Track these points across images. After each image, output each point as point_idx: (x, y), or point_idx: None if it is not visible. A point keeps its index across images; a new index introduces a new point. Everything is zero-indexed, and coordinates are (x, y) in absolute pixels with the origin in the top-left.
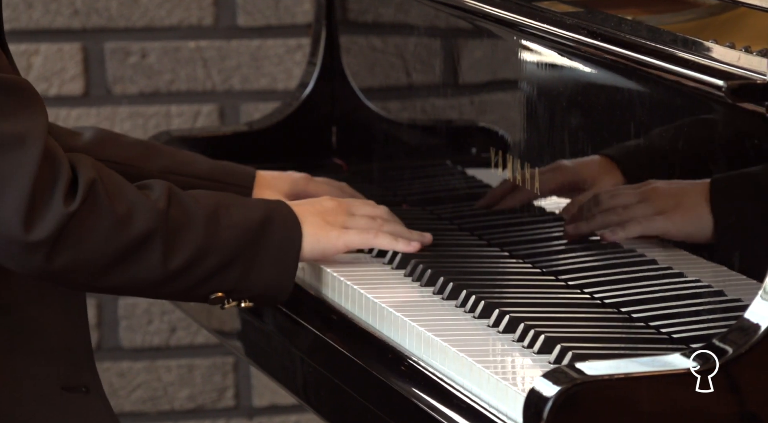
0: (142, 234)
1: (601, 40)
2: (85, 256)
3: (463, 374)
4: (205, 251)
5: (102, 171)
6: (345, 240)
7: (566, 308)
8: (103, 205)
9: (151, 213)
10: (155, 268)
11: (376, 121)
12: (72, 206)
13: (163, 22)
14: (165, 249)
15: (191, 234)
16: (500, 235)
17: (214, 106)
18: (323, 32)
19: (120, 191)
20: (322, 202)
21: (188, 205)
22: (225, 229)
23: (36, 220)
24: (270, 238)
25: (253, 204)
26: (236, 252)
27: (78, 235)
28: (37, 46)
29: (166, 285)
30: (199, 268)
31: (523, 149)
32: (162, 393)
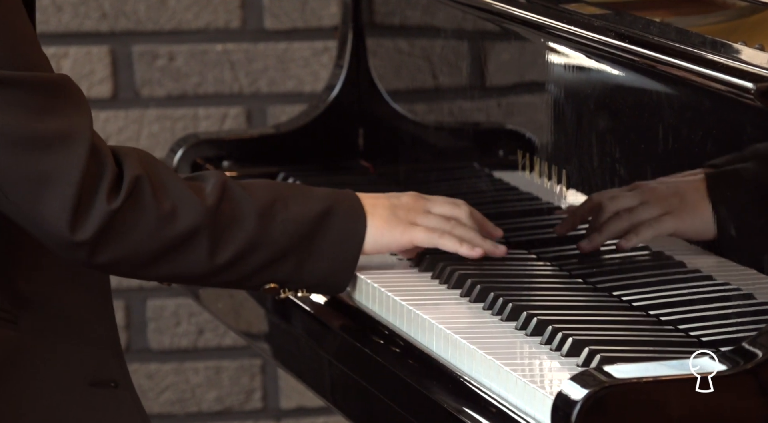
0: (186, 231)
1: (629, 42)
2: (128, 251)
3: (490, 377)
4: (255, 246)
5: (150, 166)
6: (410, 237)
7: (594, 311)
8: (147, 202)
9: (197, 209)
10: (201, 262)
11: (402, 123)
12: (115, 203)
13: (190, 25)
14: (211, 245)
15: (240, 229)
16: (528, 238)
17: (241, 109)
18: (350, 35)
19: (166, 187)
20: (401, 197)
21: (241, 200)
22: (279, 223)
23: (81, 219)
24: (329, 232)
25: (317, 195)
26: (289, 246)
27: (121, 231)
28: (66, 49)
29: (213, 277)
30: (248, 263)
31: (551, 151)
32: (190, 395)
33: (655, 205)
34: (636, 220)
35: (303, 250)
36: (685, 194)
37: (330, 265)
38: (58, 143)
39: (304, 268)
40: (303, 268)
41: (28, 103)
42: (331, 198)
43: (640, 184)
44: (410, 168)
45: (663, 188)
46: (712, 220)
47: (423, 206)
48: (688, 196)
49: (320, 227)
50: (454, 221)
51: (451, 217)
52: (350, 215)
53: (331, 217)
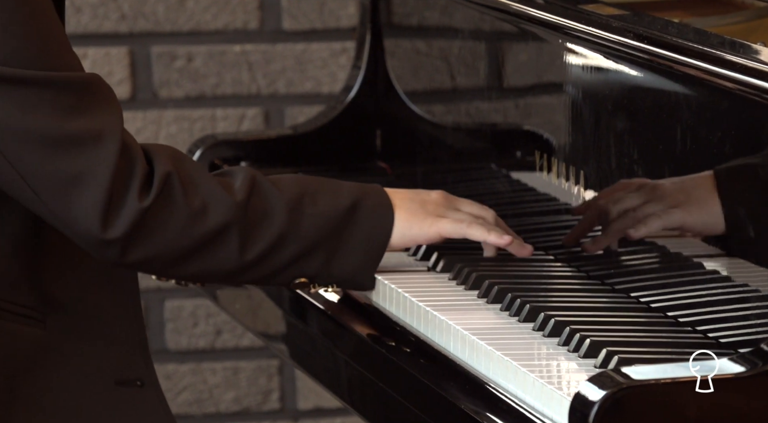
0: (217, 227)
1: (648, 42)
2: (159, 249)
3: (507, 378)
4: (284, 241)
5: (180, 163)
6: (438, 227)
7: (612, 312)
8: (178, 199)
9: (228, 206)
10: (232, 259)
11: (420, 124)
12: (146, 201)
13: (208, 26)
14: (241, 241)
15: (270, 224)
16: (545, 239)
17: (259, 110)
18: (368, 36)
19: (196, 184)
20: (430, 193)
21: (270, 195)
22: (307, 218)
23: (112, 218)
24: (357, 226)
25: (344, 189)
26: (318, 240)
27: (151, 229)
28: (84, 50)
29: (244, 273)
30: (278, 258)
31: (568, 152)
32: (207, 395)
33: (662, 200)
34: (642, 214)
35: (332, 244)
36: (693, 189)
37: (359, 260)
38: (88, 143)
39: (333, 262)
40: (332, 262)
41: (59, 103)
42: (358, 192)
43: (644, 182)
44: (428, 169)
45: (669, 185)
46: (720, 214)
47: (452, 203)
48: (695, 191)
49: (348, 221)
50: (481, 220)
51: (478, 216)
52: (378, 209)
53: (359, 211)
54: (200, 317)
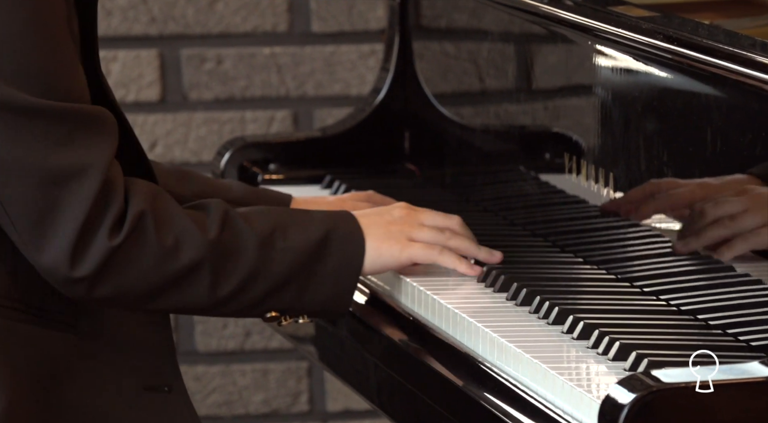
0: (188, 264)
1: (678, 44)
2: (127, 286)
3: (537, 381)
4: (256, 277)
5: (156, 200)
6: (408, 254)
7: (642, 315)
8: (149, 238)
9: (200, 243)
10: (203, 295)
11: (449, 126)
12: (117, 240)
13: (238, 28)
14: (213, 277)
15: (242, 260)
16: (574, 241)
17: (288, 112)
18: (396, 38)
19: (170, 221)
20: (392, 211)
21: (242, 231)
22: (279, 252)
23: (81, 255)
24: (329, 257)
25: (315, 221)
26: (290, 275)
27: (120, 267)
28: (115, 52)
29: (215, 309)
30: (250, 294)
31: (598, 155)
32: (237, 397)
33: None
34: (736, 230)
35: (303, 277)
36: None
37: (331, 291)
38: (70, 177)
39: (305, 295)
40: (304, 295)
41: (49, 134)
42: (328, 222)
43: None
44: (456, 171)
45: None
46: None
47: (416, 219)
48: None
49: (319, 254)
50: (448, 232)
51: (444, 228)
52: (348, 238)
53: (330, 243)
54: (230, 319)
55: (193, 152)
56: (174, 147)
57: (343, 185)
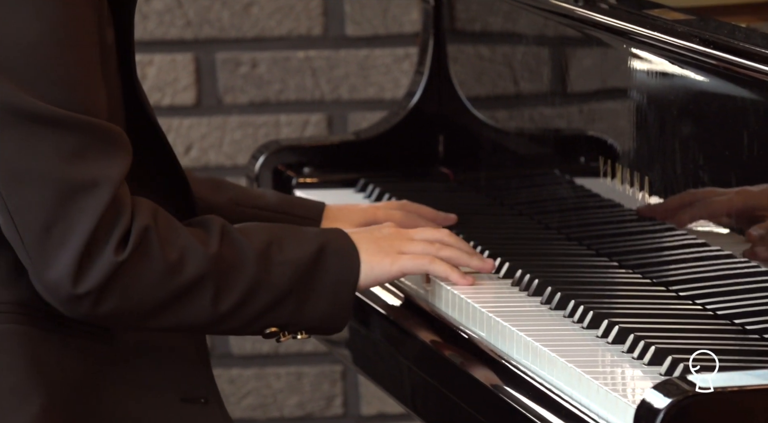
0: (192, 279)
1: (714, 47)
2: (132, 303)
3: (571, 385)
4: (256, 290)
5: (159, 217)
6: (399, 265)
7: (677, 319)
8: (154, 253)
9: (203, 257)
10: (205, 310)
11: (483, 129)
12: (122, 256)
13: (273, 32)
14: (215, 292)
15: (242, 274)
16: (609, 245)
17: (322, 116)
18: (431, 41)
19: (173, 236)
20: (381, 229)
21: (240, 245)
22: (277, 266)
23: (86, 271)
24: (324, 271)
25: (309, 236)
26: (288, 288)
27: (125, 283)
28: (151, 56)
29: (217, 325)
30: (251, 308)
31: (633, 158)
32: (271, 400)
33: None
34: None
35: (302, 291)
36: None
37: (329, 304)
38: (80, 191)
39: (304, 309)
40: (303, 309)
41: (65, 144)
42: (322, 237)
43: None
44: (490, 175)
45: None
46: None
47: (405, 234)
48: None
49: (316, 267)
50: (438, 243)
51: (434, 240)
52: (342, 252)
53: (326, 257)
54: None
55: (227, 156)
56: (209, 151)
57: (377, 189)
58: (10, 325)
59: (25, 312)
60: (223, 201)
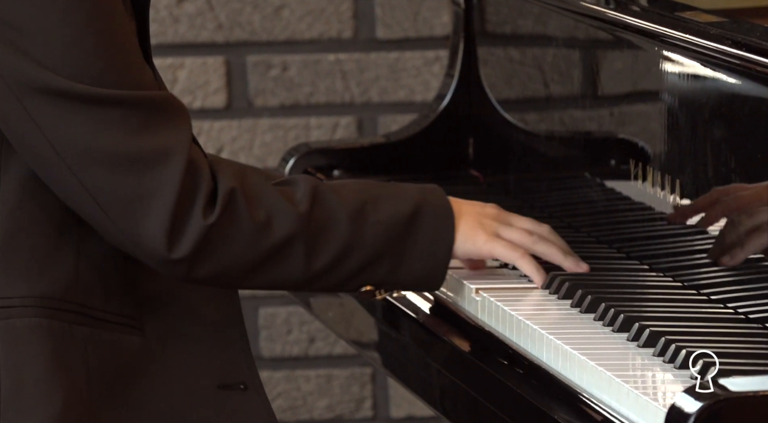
0: (282, 239)
1: (746, 50)
2: (226, 264)
3: (601, 388)
4: (350, 250)
5: (244, 177)
6: (490, 248)
7: (709, 323)
8: (242, 214)
9: (292, 217)
10: (298, 269)
11: (513, 132)
12: (211, 218)
13: (303, 35)
14: (307, 251)
15: (334, 234)
16: (640, 248)
17: (352, 118)
18: (461, 44)
19: (260, 197)
20: (485, 207)
21: (332, 204)
22: (371, 226)
23: (178, 237)
24: (420, 231)
25: (406, 195)
26: (383, 248)
27: (217, 245)
28: (182, 59)
29: (311, 283)
30: (344, 267)
31: (664, 161)
32: (301, 402)
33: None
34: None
35: (396, 251)
36: None
37: (424, 264)
38: (155, 162)
39: (399, 268)
40: (398, 268)
41: (127, 121)
42: (419, 195)
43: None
44: (520, 177)
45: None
46: None
47: (506, 220)
48: None
49: (412, 227)
50: (536, 236)
51: (533, 231)
52: (440, 213)
53: (422, 217)
54: (294, 325)
55: (258, 158)
56: (239, 153)
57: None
58: (34, 319)
59: (49, 306)
60: None
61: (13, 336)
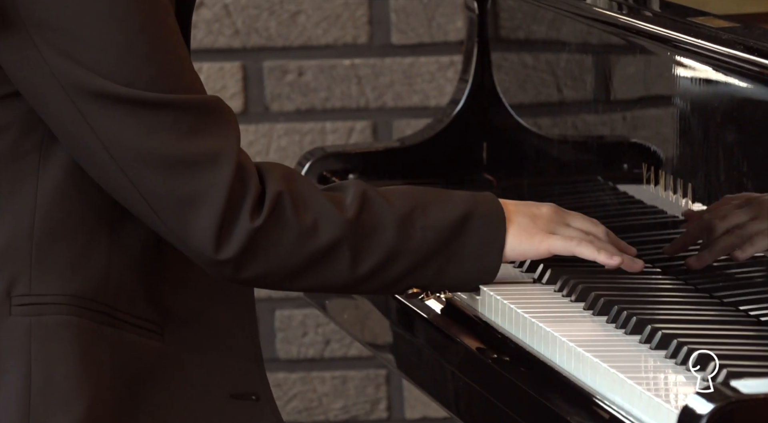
0: (328, 244)
1: (758, 55)
2: (272, 266)
3: (613, 390)
4: (396, 255)
5: (292, 181)
6: (548, 244)
7: (721, 325)
8: (289, 218)
9: (338, 222)
10: (344, 273)
11: (526, 136)
12: (258, 221)
13: (319, 40)
14: (353, 255)
15: (381, 240)
16: (652, 251)
17: (367, 123)
18: (475, 49)
19: (307, 201)
20: (540, 207)
21: (381, 209)
22: (419, 231)
23: (225, 238)
24: (469, 236)
25: (456, 200)
26: (430, 253)
27: (264, 248)
28: (199, 64)
29: (357, 286)
30: (390, 272)
31: (676, 165)
32: (317, 404)
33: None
34: (749, 232)
35: (443, 255)
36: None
37: (471, 268)
38: (204, 164)
39: (446, 272)
40: (444, 272)
41: (178, 125)
42: (470, 202)
43: (750, 197)
44: (534, 181)
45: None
46: None
47: (562, 219)
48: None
49: (460, 232)
50: (592, 236)
51: (589, 232)
52: (490, 219)
53: (471, 221)
54: (309, 327)
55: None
56: (255, 157)
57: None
58: (66, 317)
59: (82, 305)
60: None
61: (44, 332)
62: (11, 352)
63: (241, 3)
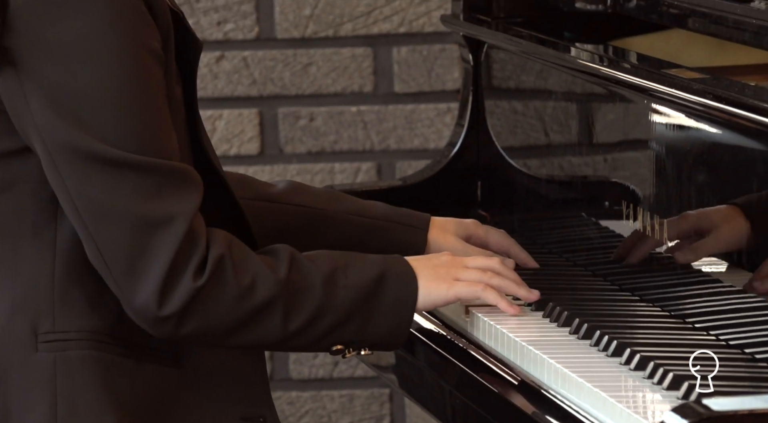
0: (263, 302)
1: (726, 103)
2: (211, 324)
3: (597, 408)
4: (323, 311)
5: (232, 246)
6: (455, 291)
7: (693, 349)
8: (229, 279)
9: (273, 282)
10: (276, 329)
11: (517, 176)
12: (200, 281)
13: (329, 89)
14: (285, 312)
15: (309, 297)
16: (631, 281)
17: (372, 164)
18: (470, 97)
19: (245, 263)
20: (440, 257)
21: (307, 270)
22: (342, 289)
23: (168, 295)
24: (385, 294)
25: (371, 262)
26: (352, 309)
27: (204, 306)
28: (220, 111)
29: (288, 342)
30: (317, 327)
31: (653, 202)
32: (327, 420)
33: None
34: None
35: (364, 312)
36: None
37: (390, 324)
38: (160, 225)
39: (367, 328)
40: (366, 328)
41: (143, 186)
42: (383, 263)
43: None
44: (523, 217)
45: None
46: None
47: (461, 262)
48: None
49: (377, 290)
50: (490, 272)
51: (486, 268)
52: (402, 277)
53: (386, 281)
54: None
55: None
56: None
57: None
58: (87, 352)
59: (101, 340)
60: (341, 211)
61: (68, 366)
62: (38, 385)
63: (258, 56)
